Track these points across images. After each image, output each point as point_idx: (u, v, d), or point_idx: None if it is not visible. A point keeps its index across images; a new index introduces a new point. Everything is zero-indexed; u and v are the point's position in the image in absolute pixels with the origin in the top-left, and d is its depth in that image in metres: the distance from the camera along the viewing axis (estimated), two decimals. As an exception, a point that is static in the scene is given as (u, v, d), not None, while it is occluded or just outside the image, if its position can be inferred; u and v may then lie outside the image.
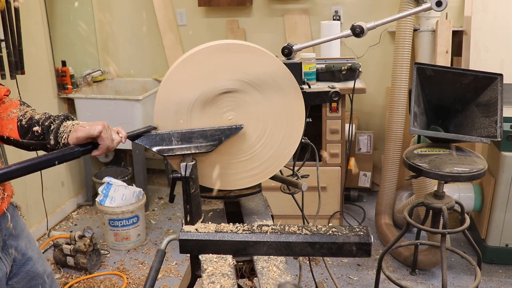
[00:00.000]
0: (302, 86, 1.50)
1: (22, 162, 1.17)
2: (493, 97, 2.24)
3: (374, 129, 3.89)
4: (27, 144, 1.35)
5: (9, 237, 1.39)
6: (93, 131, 1.25)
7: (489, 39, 3.29)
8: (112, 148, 1.30)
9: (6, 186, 1.37)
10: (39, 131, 1.32)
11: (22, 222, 1.48)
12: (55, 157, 1.21)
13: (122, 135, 1.32)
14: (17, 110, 1.38)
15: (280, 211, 2.75)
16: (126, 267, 3.02)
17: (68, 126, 1.30)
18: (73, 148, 1.25)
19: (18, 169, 1.15)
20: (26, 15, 3.06)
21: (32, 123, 1.33)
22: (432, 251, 2.80)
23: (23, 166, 1.16)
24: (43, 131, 1.32)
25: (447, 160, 2.19)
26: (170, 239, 1.30)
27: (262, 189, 1.64)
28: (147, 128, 1.37)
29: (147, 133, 1.36)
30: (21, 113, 1.36)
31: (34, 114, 1.36)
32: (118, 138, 1.31)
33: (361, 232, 1.21)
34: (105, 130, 1.27)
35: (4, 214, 1.37)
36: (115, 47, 4.17)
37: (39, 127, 1.32)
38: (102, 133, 1.26)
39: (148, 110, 3.52)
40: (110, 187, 3.17)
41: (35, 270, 1.45)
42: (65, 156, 1.23)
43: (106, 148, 1.28)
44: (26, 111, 1.37)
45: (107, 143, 1.28)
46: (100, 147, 1.28)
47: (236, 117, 1.42)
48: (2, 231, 1.36)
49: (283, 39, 3.82)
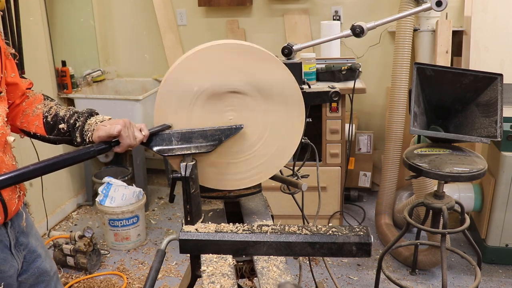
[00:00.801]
0: (302, 86, 1.50)
1: (38, 162, 1.18)
2: (493, 97, 2.24)
3: (374, 129, 3.90)
4: (53, 140, 1.40)
5: (21, 234, 1.41)
6: (113, 130, 1.28)
7: (489, 39, 3.29)
8: (135, 145, 1.32)
9: (21, 184, 1.39)
10: (65, 128, 1.36)
11: (31, 220, 1.50)
12: (71, 157, 1.23)
13: (145, 133, 1.33)
14: (42, 105, 1.42)
15: (280, 211, 2.75)
16: (126, 267, 3.02)
17: (92, 124, 1.34)
18: (89, 148, 1.27)
19: (35, 170, 1.17)
20: (26, 15, 3.06)
21: (58, 120, 1.37)
22: (432, 251, 2.80)
23: (40, 166, 1.18)
24: (69, 129, 1.36)
25: (447, 160, 2.19)
26: (170, 239, 1.30)
27: (262, 189, 1.64)
28: (161, 126, 1.37)
29: (161, 132, 1.36)
30: (46, 109, 1.40)
31: (59, 110, 1.40)
32: (141, 137, 1.33)
33: (361, 232, 1.21)
34: (125, 129, 1.29)
35: (19, 212, 1.40)
36: (115, 47, 4.17)
37: (64, 124, 1.36)
38: (122, 131, 1.28)
39: (148, 110, 3.52)
40: (110, 187, 3.17)
41: (43, 267, 1.48)
42: (81, 156, 1.25)
43: (127, 146, 1.31)
44: (51, 107, 1.41)
45: (128, 141, 1.30)
46: (121, 145, 1.31)
47: (236, 118, 1.42)
48: (15, 228, 1.38)
49: (283, 39, 3.82)
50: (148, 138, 1.35)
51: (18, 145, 1.53)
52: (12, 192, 1.32)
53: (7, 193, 1.29)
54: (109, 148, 1.31)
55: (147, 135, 1.34)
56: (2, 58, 1.31)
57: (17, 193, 1.35)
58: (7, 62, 1.36)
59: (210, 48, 1.38)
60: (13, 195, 1.32)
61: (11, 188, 1.30)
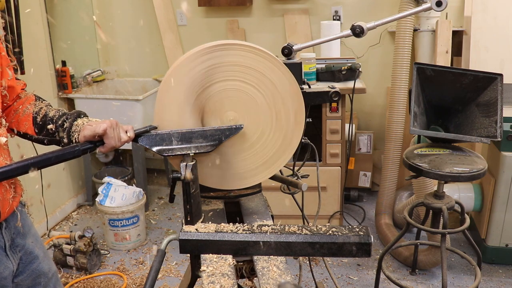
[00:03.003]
0: (302, 86, 1.50)
1: (22, 160, 1.19)
2: (493, 97, 2.24)
3: (374, 129, 3.89)
4: (42, 140, 1.40)
5: (17, 235, 1.40)
6: (98, 129, 1.28)
7: (489, 39, 3.29)
8: (118, 147, 1.33)
9: (17, 185, 1.39)
10: (53, 129, 1.37)
11: (30, 221, 1.49)
12: (55, 156, 1.24)
13: (130, 135, 1.34)
14: (32, 105, 1.42)
15: (280, 211, 2.75)
16: (126, 267, 3.02)
17: (79, 125, 1.34)
18: (74, 147, 1.28)
19: (17, 168, 1.18)
20: (26, 15, 3.06)
21: (47, 121, 1.38)
22: (432, 251, 2.80)
23: (22, 165, 1.19)
24: (57, 129, 1.36)
25: (447, 160, 2.19)
26: (170, 239, 1.30)
27: (262, 189, 1.64)
28: (147, 127, 1.38)
29: (147, 133, 1.36)
30: (36, 109, 1.41)
31: (49, 110, 1.40)
32: (126, 138, 1.33)
33: (361, 232, 1.21)
34: (111, 129, 1.29)
35: (14, 213, 1.39)
36: (115, 47, 4.17)
37: (53, 125, 1.37)
38: (108, 131, 1.29)
39: (148, 110, 3.52)
40: (110, 187, 3.17)
41: (41, 268, 1.46)
42: (66, 155, 1.26)
43: (111, 147, 1.31)
44: (41, 107, 1.41)
45: (112, 142, 1.31)
46: (105, 146, 1.31)
47: (236, 118, 1.42)
48: (10, 229, 1.38)
49: (283, 39, 3.82)
50: (134, 139, 1.35)
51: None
52: (6, 192, 1.31)
53: (0, 192, 1.29)
54: (94, 148, 1.31)
55: (132, 137, 1.35)
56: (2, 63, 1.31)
57: (11, 194, 1.34)
58: (3, 63, 1.35)
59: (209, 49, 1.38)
60: (7, 195, 1.31)
61: (4, 188, 1.30)
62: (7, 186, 1.31)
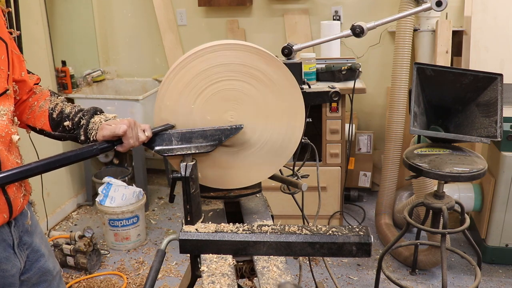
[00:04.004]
0: (302, 86, 1.50)
1: (41, 160, 1.20)
2: (493, 97, 2.24)
3: (374, 129, 3.90)
4: (59, 136, 1.41)
5: (25, 233, 1.41)
6: (118, 130, 1.28)
7: (489, 39, 3.29)
8: (137, 146, 1.33)
9: (26, 183, 1.39)
10: (69, 125, 1.37)
11: (36, 219, 1.50)
12: (73, 155, 1.25)
13: (148, 134, 1.34)
14: (48, 102, 1.42)
15: (280, 211, 2.75)
16: (126, 267, 3.02)
17: (96, 122, 1.34)
18: (92, 146, 1.28)
19: (37, 167, 1.19)
20: (26, 15, 3.06)
21: (63, 118, 1.38)
22: (432, 251, 2.80)
23: (43, 163, 1.19)
24: (74, 126, 1.37)
25: (447, 160, 2.19)
26: (170, 239, 1.30)
27: (262, 189, 1.64)
28: (164, 126, 1.38)
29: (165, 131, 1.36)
30: (51, 105, 1.41)
31: (65, 107, 1.41)
32: (144, 138, 1.33)
33: (361, 232, 1.21)
34: (130, 129, 1.29)
35: (24, 211, 1.40)
36: (115, 47, 4.17)
37: (69, 121, 1.37)
38: (127, 131, 1.29)
39: (148, 110, 3.52)
40: (110, 187, 3.17)
41: (47, 266, 1.47)
42: (83, 154, 1.26)
43: (129, 146, 1.32)
44: (57, 104, 1.41)
45: (131, 142, 1.31)
46: (124, 145, 1.32)
47: (236, 118, 1.42)
48: (19, 227, 1.38)
49: (283, 39, 3.82)
50: (150, 139, 1.35)
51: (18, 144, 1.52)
52: (17, 191, 1.32)
53: (12, 191, 1.29)
54: (112, 147, 1.31)
55: (150, 136, 1.34)
56: (8, 55, 1.30)
57: (22, 192, 1.35)
58: (14, 59, 1.35)
59: (211, 48, 1.38)
60: (18, 194, 1.32)
61: (16, 186, 1.30)
62: (17, 184, 1.31)
